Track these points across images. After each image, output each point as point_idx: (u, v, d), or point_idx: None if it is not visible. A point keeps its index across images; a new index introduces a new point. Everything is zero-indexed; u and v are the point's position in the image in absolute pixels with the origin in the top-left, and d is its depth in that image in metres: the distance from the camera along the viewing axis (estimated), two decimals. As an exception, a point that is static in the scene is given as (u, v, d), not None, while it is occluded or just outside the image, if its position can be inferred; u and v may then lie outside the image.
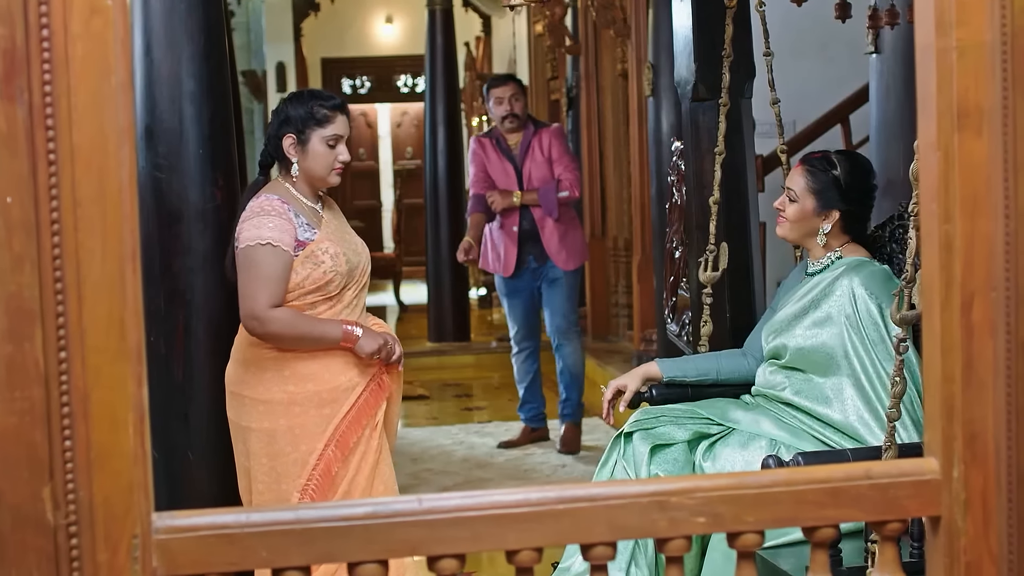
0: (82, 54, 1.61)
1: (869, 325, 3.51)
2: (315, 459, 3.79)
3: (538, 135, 7.34)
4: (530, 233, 7.33)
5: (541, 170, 7.29)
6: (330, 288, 3.84)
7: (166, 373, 4.42)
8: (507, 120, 7.27)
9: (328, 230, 3.89)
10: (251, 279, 3.80)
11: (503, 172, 7.33)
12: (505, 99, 7.27)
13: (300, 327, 3.81)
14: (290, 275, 3.80)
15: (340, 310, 3.88)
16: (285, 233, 3.80)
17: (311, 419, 3.82)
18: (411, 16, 17.54)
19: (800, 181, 3.71)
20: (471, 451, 7.54)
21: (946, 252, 1.80)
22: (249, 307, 3.80)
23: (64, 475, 1.64)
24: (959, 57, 1.78)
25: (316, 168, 3.91)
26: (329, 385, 3.84)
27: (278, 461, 3.83)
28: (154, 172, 4.37)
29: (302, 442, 3.81)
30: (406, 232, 14.68)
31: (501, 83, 7.42)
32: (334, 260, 3.83)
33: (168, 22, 4.34)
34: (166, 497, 4.44)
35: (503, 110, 7.27)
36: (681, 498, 1.77)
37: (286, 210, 3.83)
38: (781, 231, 3.78)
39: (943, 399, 1.81)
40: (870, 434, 3.44)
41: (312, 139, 3.90)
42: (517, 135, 7.34)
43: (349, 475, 3.83)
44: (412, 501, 1.73)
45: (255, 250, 3.79)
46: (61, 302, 1.62)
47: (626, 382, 3.93)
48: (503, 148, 7.37)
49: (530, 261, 7.35)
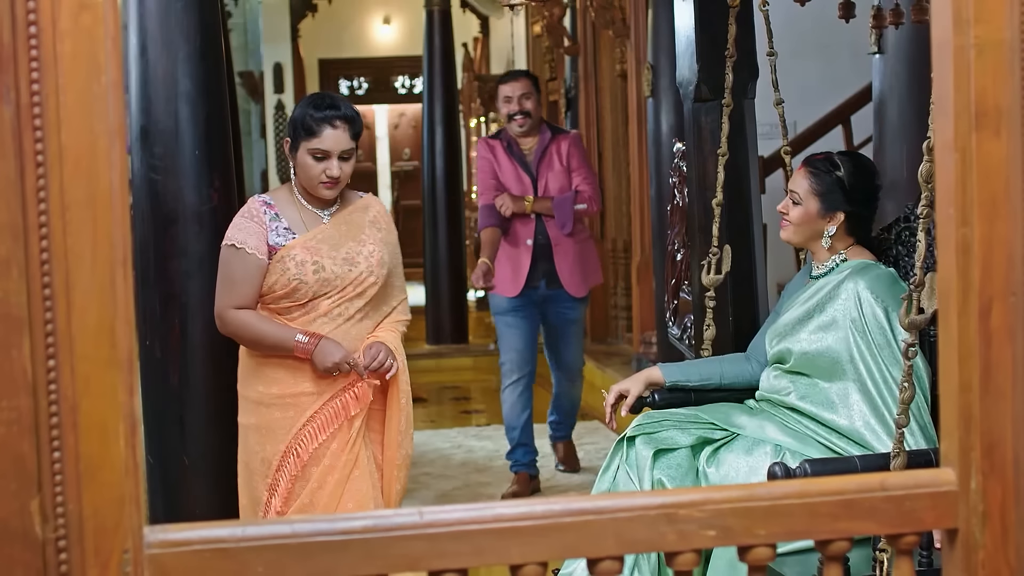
0: (71, 51, 1.55)
1: (875, 329, 3.45)
2: (277, 461, 3.79)
3: (556, 142, 6.59)
4: (545, 250, 6.57)
5: (559, 180, 6.56)
6: (298, 296, 3.79)
7: (161, 378, 4.37)
8: (516, 119, 6.51)
9: (314, 238, 3.81)
10: (219, 279, 3.85)
11: (517, 180, 6.57)
12: (515, 97, 6.51)
13: (254, 331, 3.80)
14: (262, 278, 3.79)
15: (315, 319, 3.81)
16: (251, 236, 3.77)
17: (276, 421, 3.82)
18: (409, 17, 17.49)
19: (803, 183, 3.65)
20: (470, 455, 7.48)
21: (963, 256, 1.74)
22: (215, 306, 3.86)
23: (53, 487, 1.59)
24: (977, 55, 1.72)
25: (303, 178, 3.85)
26: (293, 390, 3.82)
27: (250, 458, 3.87)
28: (149, 174, 4.32)
29: (268, 442, 3.83)
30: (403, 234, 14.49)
31: (511, 79, 6.66)
32: (299, 268, 3.77)
33: (164, 22, 4.29)
34: (162, 504, 4.39)
35: (512, 108, 6.52)
36: (690, 511, 1.71)
37: (262, 213, 3.80)
38: (785, 234, 3.72)
39: (960, 408, 1.76)
40: (877, 440, 3.39)
41: (300, 148, 3.83)
42: (530, 140, 6.60)
43: (310, 487, 3.79)
44: (413, 514, 1.67)
45: (226, 251, 3.83)
46: (49, 309, 1.57)
47: (628, 386, 3.88)
48: (515, 153, 6.59)
49: (541, 284, 6.58)
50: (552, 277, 6.53)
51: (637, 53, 8.49)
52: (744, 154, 4.19)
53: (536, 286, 6.54)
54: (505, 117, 6.58)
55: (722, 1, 4.05)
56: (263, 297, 3.80)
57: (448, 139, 11.08)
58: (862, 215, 3.66)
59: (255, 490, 3.84)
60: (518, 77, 6.63)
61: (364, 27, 18.48)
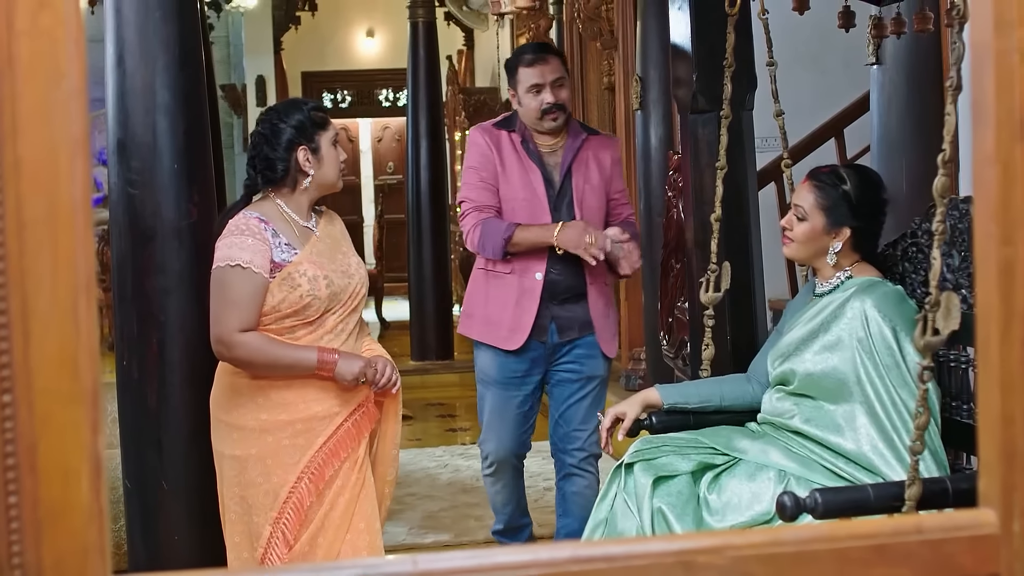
0: (28, 54, 1.41)
1: (883, 349, 3.32)
2: (286, 492, 3.59)
3: (592, 146, 4.76)
4: (558, 288, 4.66)
5: (598, 199, 4.72)
6: (308, 313, 3.63)
7: (139, 399, 4.21)
8: (549, 115, 4.66)
9: (314, 251, 3.68)
10: (220, 302, 3.62)
11: (527, 188, 4.67)
12: (546, 84, 4.64)
13: (270, 353, 3.59)
14: (264, 298, 3.60)
15: (321, 336, 3.66)
16: (258, 254, 3.60)
17: (284, 450, 3.62)
18: (392, 30, 17.39)
19: (809, 197, 3.51)
20: (456, 474, 7.33)
21: (1006, 278, 1.60)
22: (217, 331, 3.62)
23: (8, 536, 1.44)
24: (1022, 60, 1.59)
25: (330, 174, 3.77)
26: (304, 414, 3.63)
27: (249, 491, 3.64)
28: (127, 188, 4.17)
29: (274, 473, 3.61)
30: (388, 248, 14.48)
31: (538, 60, 4.68)
32: (312, 283, 3.62)
33: (142, 31, 4.14)
34: (140, 532, 4.23)
35: (545, 99, 4.64)
36: (710, 557, 1.57)
37: (262, 229, 3.63)
38: (788, 252, 3.58)
39: (1002, 443, 1.62)
40: (885, 465, 3.25)
41: (322, 144, 3.75)
42: (554, 138, 4.74)
43: (323, 510, 3.63)
44: (406, 563, 1.53)
45: (225, 271, 3.61)
46: (4, 338, 1.42)
47: (625, 409, 3.73)
48: (532, 152, 4.70)
49: (551, 332, 4.71)
50: (569, 323, 4.72)
51: (625, 65, 8.38)
52: (743, 167, 4.06)
53: (544, 340, 4.72)
54: (534, 113, 4.69)
55: (720, 10, 3.92)
56: (262, 318, 3.64)
57: (433, 152, 10.96)
58: (869, 230, 3.52)
59: (253, 526, 3.63)
60: (547, 56, 4.72)
61: (347, 40, 18.38)
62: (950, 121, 2.71)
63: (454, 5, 13.03)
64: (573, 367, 4.73)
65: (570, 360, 4.73)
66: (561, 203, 4.64)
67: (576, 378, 4.74)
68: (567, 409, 4.77)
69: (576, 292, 4.66)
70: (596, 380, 4.77)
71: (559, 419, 4.80)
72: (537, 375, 4.76)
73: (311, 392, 3.63)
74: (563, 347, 4.72)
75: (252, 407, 3.64)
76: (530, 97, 4.64)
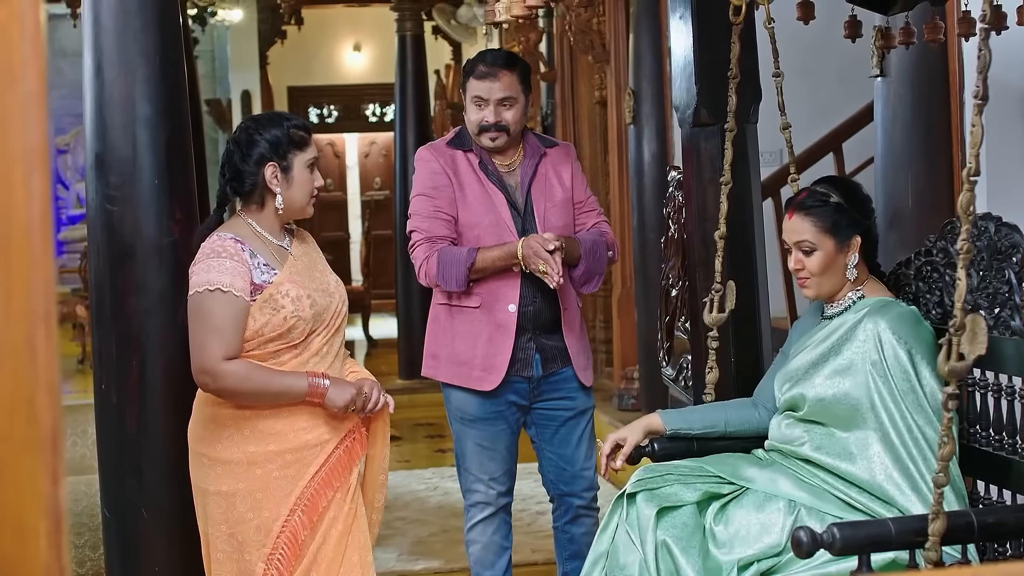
0: (-21, 55, 1.24)
1: (898, 373, 3.16)
2: (279, 526, 3.41)
3: (548, 158, 4.38)
4: (536, 319, 4.29)
5: (563, 215, 4.36)
6: (293, 335, 3.45)
7: (118, 424, 4.04)
8: (486, 135, 4.29)
9: (293, 270, 3.51)
10: (201, 329, 3.41)
11: (489, 213, 4.29)
12: (490, 101, 4.27)
13: (258, 381, 3.40)
14: (246, 322, 3.43)
15: (307, 359, 3.48)
16: (238, 277, 3.40)
17: (274, 482, 3.43)
18: (380, 44, 17.24)
19: (807, 227, 3.32)
20: (446, 497, 7.16)
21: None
22: (200, 360, 3.41)
23: (-43, 599, 1.28)
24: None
25: (299, 197, 3.55)
26: (294, 444, 3.44)
27: (239, 528, 3.44)
28: (105, 204, 4.00)
29: (265, 507, 3.42)
30: (375, 264, 14.31)
31: (486, 74, 4.29)
32: (295, 304, 3.44)
33: (121, 40, 3.97)
34: (119, 563, 4.05)
35: (483, 117, 4.28)
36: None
37: (240, 250, 3.44)
38: (812, 291, 3.36)
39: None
40: (900, 494, 3.09)
41: (295, 165, 3.53)
42: (509, 154, 4.37)
43: (316, 543, 3.45)
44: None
45: (204, 297, 3.41)
46: (-48, 376, 1.26)
47: (625, 435, 3.57)
48: (491, 172, 4.34)
49: (535, 364, 4.32)
50: (552, 355, 4.34)
51: (617, 79, 8.24)
52: (747, 182, 3.90)
53: (527, 374, 4.33)
54: (473, 126, 4.32)
55: (722, 20, 3.76)
56: (244, 344, 3.45)
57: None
58: (870, 232, 3.38)
59: (245, 564, 3.43)
60: (500, 72, 4.29)
61: (334, 54, 18.22)
62: (976, 133, 2.56)
63: (442, 19, 12.88)
64: (564, 403, 4.37)
65: (559, 395, 4.36)
66: (528, 226, 4.27)
67: (570, 415, 4.38)
68: (569, 450, 4.40)
69: (556, 319, 4.31)
70: (588, 413, 4.43)
71: (559, 461, 4.41)
72: (515, 410, 4.36)
73: (301, 420, 3.46)
74: (546, 380, 4.33)
75: (238, 439, 3.45)
76: (473, 109, 4.30)
